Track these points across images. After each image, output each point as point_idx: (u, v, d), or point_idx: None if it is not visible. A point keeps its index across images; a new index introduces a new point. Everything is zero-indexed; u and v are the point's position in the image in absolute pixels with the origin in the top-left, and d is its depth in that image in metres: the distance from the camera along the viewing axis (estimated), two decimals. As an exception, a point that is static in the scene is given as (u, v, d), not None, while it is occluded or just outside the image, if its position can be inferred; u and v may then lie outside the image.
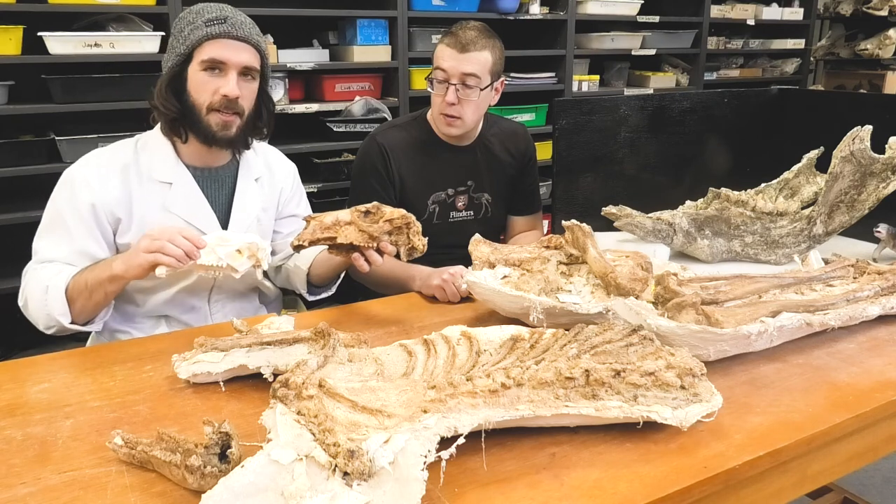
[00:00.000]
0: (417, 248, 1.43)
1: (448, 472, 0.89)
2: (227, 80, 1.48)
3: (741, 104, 2.49)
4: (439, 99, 1.87)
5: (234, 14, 1.51)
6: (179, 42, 1.49)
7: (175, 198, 1.54)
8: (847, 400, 1.13)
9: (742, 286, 1.35)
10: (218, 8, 1.51)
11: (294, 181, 1.77)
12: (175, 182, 1.54)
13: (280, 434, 0.86)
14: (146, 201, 1.52)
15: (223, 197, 1.61)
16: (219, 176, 1.61)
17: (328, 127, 3.08)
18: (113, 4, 2.62)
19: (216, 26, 1.47)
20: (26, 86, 2.66)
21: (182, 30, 1.49)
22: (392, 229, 1.43)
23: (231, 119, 1.51)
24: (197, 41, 1.47)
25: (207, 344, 1.19)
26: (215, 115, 1.49)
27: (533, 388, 0.98)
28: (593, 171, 2.23)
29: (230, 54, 1.48)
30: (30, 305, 1.45)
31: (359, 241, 1.41)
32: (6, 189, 2.63)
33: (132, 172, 1.52)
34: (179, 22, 1.52)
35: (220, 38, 1.47)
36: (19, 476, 0.94)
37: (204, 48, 1.47)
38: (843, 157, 1.71)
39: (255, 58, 1.52)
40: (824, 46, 5.19)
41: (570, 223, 1.47)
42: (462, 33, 1.84)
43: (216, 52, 1.47)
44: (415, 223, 1.44)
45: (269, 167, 1.71)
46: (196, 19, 1.48)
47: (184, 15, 1.52)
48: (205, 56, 1.47)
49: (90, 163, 1.52)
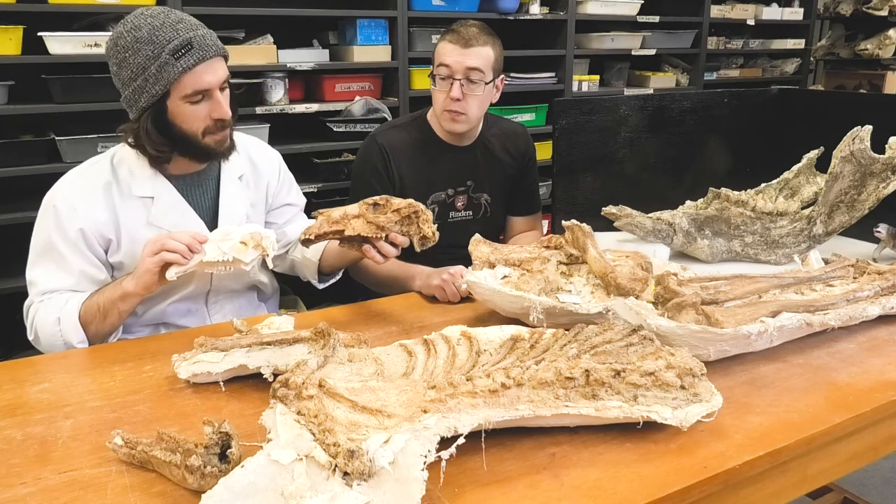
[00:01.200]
0: (429, 237, 1.42)
1: (448, 472, 0.89)
2: (217, 104, 1.44)
3: (741, 104, 2.48)
4: (443, 95, 1.87)
5: (193, 30, 1.41)
6: (149, 82, 1.39)
7: (159, 211, 1.51)
8: (847, 400, 1.13)
9: (742, 286, 1.35)
10: (172, 31, 1.38)
11: (280, 171, 1.74)
12: (156, 196, 1.51)
13: (280, 434, 0.86)
14: (131, 218, 1.49)
15: (207, 201, 1.59)
16: (200, 181, 1.58)
17: (328, 127, 3.07)
18: (113, 4, 2.62)
19: (186, 57, 1.38)
20: (26, 86, 2.66)
21: (144, 67, 1.38)
22: (401, 219, 1.42)
23: (225, 133, 1.50)
24: (173, 78, 1.38)
25: (207, 344, 1.19)
26: (211, 136, 1.47)
27: (533, 388, 0.98)
28: (593, 171, 2.23)
29: (210, 78, 1.42)
30: (42, 340, 1.45)
31: (367, 232, 1.40)
32: (6, 189, 2.63)
33: (114, 191, 1.49)
34: (133, 56, 1.38)
35: (196, 66, 1.39)
36: (19, 476, 0.94)
37: (182, 82, 1.39)
38: (843, 157, 1.71)
39: (224, 64, 1.47)
40: (824, 46, 5.19)
41: (570, 223, 1.47)
42: (463, 30, 1.85)
43: (197, 84, 1.40)
44: (424, 211, 1.43)
45: (252, 162, 1.67)
46: (158, 52, 1.37)
47: (131, 44, 1.39)
48: (186, 90, 1.40)
49: (72, 187, 1.48)
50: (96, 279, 1.49)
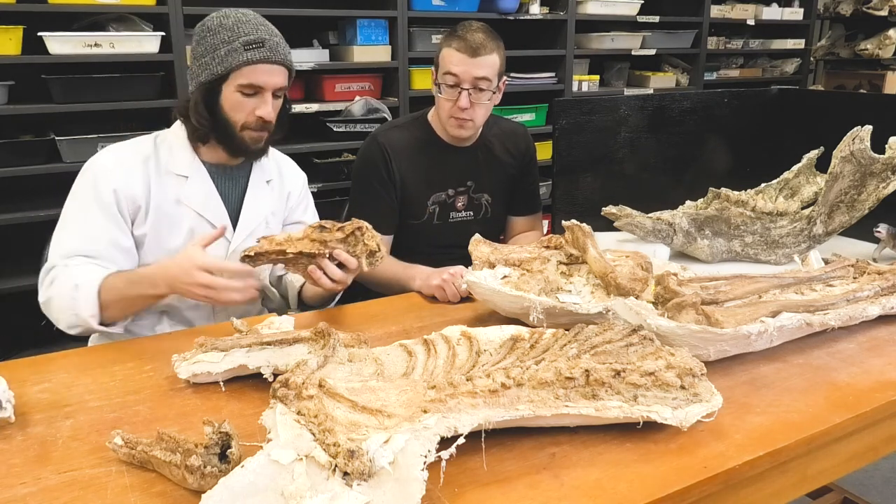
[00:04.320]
0: (374, 250, 1.41)
1: (448, 472, 0.89)
2: (264, 103, 1.51)
3: (741, 104, 2.48)
4: (449, 103, 1.86)
5: (270, 35, 1.51)
6: (215, 61, 1.48)
7: (190, 191, 1.56)
8: (847, 400, 1.13)
9: (742, 286, 1.35)
10: (253, 27, 1.49)
11: (303, 189, 1.80)
12: (191, 176, 1.56)
13: (280, 434, 0.86)
14: (162, 193, 1.53)
15: (235, 195, 1.64)
16: (233, 174, 1.63)
17: (328, 127, 3.08)
18: (113, 4, 2.62)
19: (255, 51, 1.47)
20: (26, 86, 2.66)
21: (216, 47, 1.48)
22: (345, 237, 1.41)
23: (263, 135, 1.55)
24: (236, 65, 1.47)
25: (207, 344, 1.19)
26: (249, 132, 1.53)
27: (533, 388, 0.98)
28: (593, 171, 2.23)
29: (268, 79, 1.50)
30: (53, 304, 1.43)
31: (310, 248, 1.38)
32: (6, 189, 2.63)
33: (151, 164, 1.54)
34: (212, 36, 1.49)
35: (260, 64, 1.48)
36: (19, 476, 0.94)
37: (242, 72, 1.47)
38: (843, 157, 1.71)
39: (286, 77, 1.55)
40: (824, 46, 5.19)
41: (570, 223, 1.47)
42: (470, 36, 1.81)
43: (255, 78, 1.48)
44: (367, 228, 1.41)
45: (280, 172, 1.74)
46: (232, 39, 1.47)
47: (214, 27, 1.50)
48: (243, 80, 1.48)
49: (112, 152, 1.54)
50: (122, 246, 1.49)
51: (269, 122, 1.54)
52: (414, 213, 1.98)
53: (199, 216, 1.56)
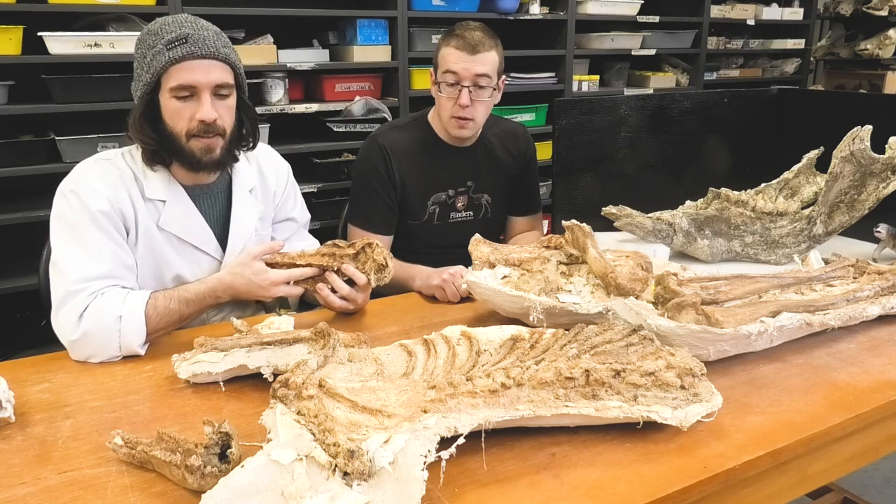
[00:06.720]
0: (382, 264, 1.45)
1: (448, 472, 0.89)
2: (201, 104, 1.40)
3: (741, 104, 2.48)
4: (450, 102, 1.86)
5: (196, 29, 1.40)
6: (144, 70, 1.39)
7: (170, 216, 1.47)
8: (847, 400, 1.13)
9: (742, 286, 1.35)
10: (177, 25, 1.39)
11: (287, 182, 1.71)
12: (169, 200, 1.48)
13: (280, 434, 0.86)
14: (145, 217, 1.46)
15: (217, 213, 1.56)
16: (212, 191, 1.55)
17: (328, 127, 3.07)
18: (113, 4, 2.62)
19: (178, 48, 1.36)
20: (26, 86, 2.66)
21: (144, 55, 1.39)
22: (356, 253, 1.46)
23: (212, 141, 1.43)
24: (161, 67, 1.37)
25: (207, 344, 1.19)
26: (196, 140, 1.42)
27: (533, 388, 0.98)
28: (593, 171, 2.23)
29: (199, 76, 1.38)
30: (92, 339, 1.29)
31: (319, 262, 1.44)
32: (6, 189, 2.63)
33: (131, 185, 1.45)
34: (140, 46, 1.41)
35: (185, 61, 1.37)
36: (19, 476, 0.94)
37: (170, 74, 1.37)
38: (843, 157, 1.71)
39: (226, 72, 1.43)
40: (824, 46, 5.19)
41: (570, 223, 1.47)
42: (468, 34, 1.82)
43: (183, 77, 1.37)
44: (376, 244, 1.46)
45: (262, 174, 1.65)
46: (156, 42, 1.37)
47: (143, 37, 1.41)
48: (172, 83, 1.38)
49: (89, 172, 1.44)
50: (127, 264, 1.41)
51: (213, 123, 1.41)
52: (414, 214, 1.98)
53: (182, 241, 1.48)
